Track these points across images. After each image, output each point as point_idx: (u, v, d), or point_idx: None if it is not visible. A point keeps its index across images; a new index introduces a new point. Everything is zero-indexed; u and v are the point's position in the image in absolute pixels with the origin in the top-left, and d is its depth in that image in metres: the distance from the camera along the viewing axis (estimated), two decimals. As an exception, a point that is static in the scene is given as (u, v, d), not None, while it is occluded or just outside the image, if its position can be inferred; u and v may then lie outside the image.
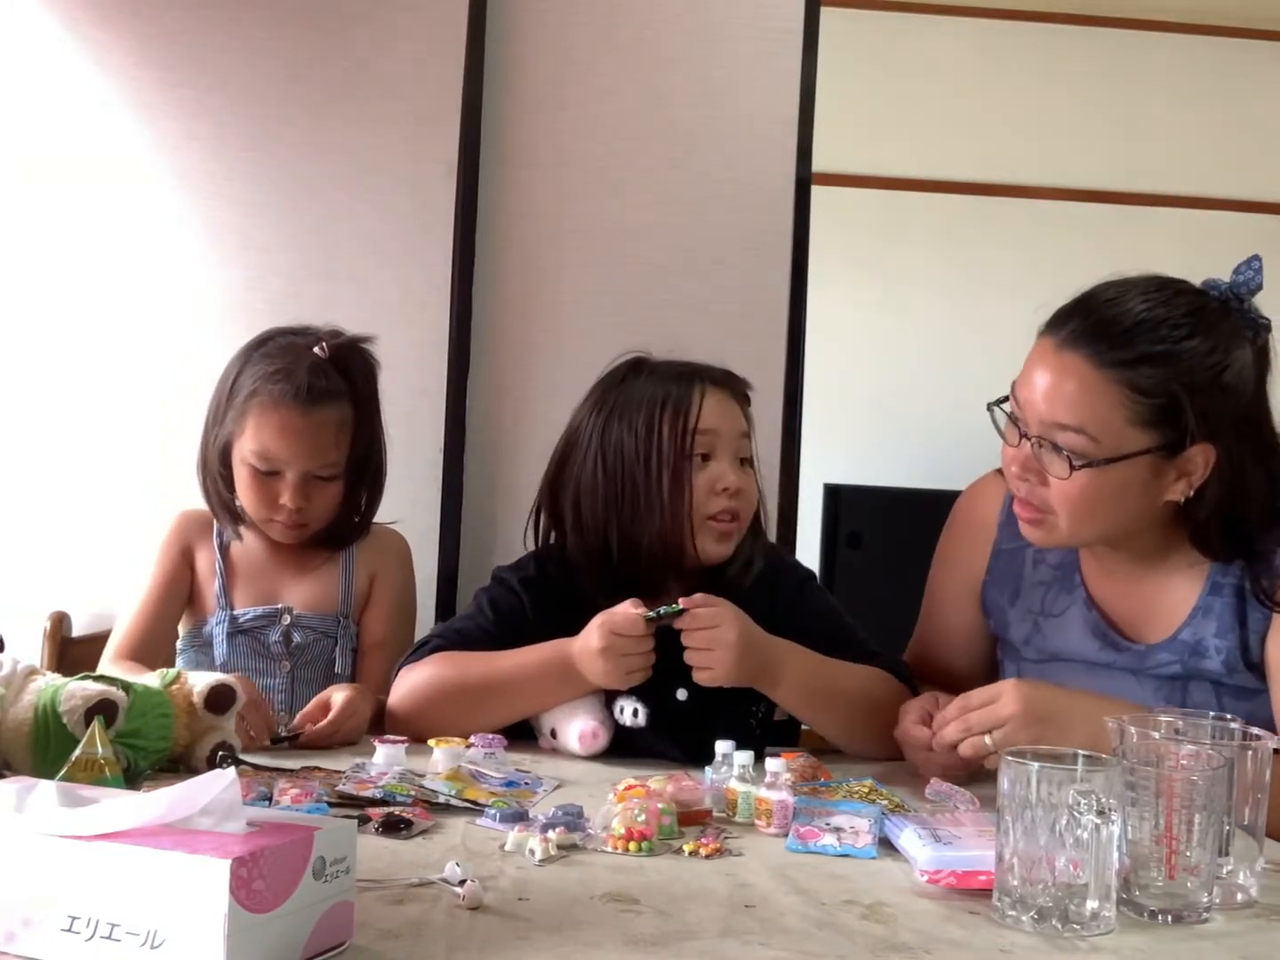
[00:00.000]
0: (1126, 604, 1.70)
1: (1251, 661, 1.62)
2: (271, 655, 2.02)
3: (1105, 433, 1.54)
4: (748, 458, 1.82)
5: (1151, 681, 1.66)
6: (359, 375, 2.04)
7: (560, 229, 2.51)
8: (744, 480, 1.79)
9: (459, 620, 1.87)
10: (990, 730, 1.49)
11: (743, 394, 1.85)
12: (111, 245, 2.43)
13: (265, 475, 1.98)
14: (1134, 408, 1.53)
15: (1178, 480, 1.57)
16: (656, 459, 1.75)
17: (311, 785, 1.39)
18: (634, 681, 1.67)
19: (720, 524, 1.77)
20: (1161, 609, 1.67)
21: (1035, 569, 1.78)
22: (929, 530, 1.98)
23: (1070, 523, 1.60)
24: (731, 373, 1.85)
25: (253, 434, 1.97)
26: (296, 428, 1.96)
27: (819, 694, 1.72)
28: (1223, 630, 1.63)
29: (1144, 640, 1.68)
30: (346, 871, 0.98)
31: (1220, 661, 1.62)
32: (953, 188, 4.28)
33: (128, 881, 0.91)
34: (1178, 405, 1.53)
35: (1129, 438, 1.54)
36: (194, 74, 2.43)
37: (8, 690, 1.41)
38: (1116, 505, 1.58)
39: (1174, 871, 1.15)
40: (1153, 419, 1.54)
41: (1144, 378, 1.53)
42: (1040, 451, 1.58)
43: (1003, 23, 4.25)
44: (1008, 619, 1.80)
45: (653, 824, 1.30)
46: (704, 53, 2.53)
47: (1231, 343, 1.56)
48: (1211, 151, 4.27)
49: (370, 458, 2.07)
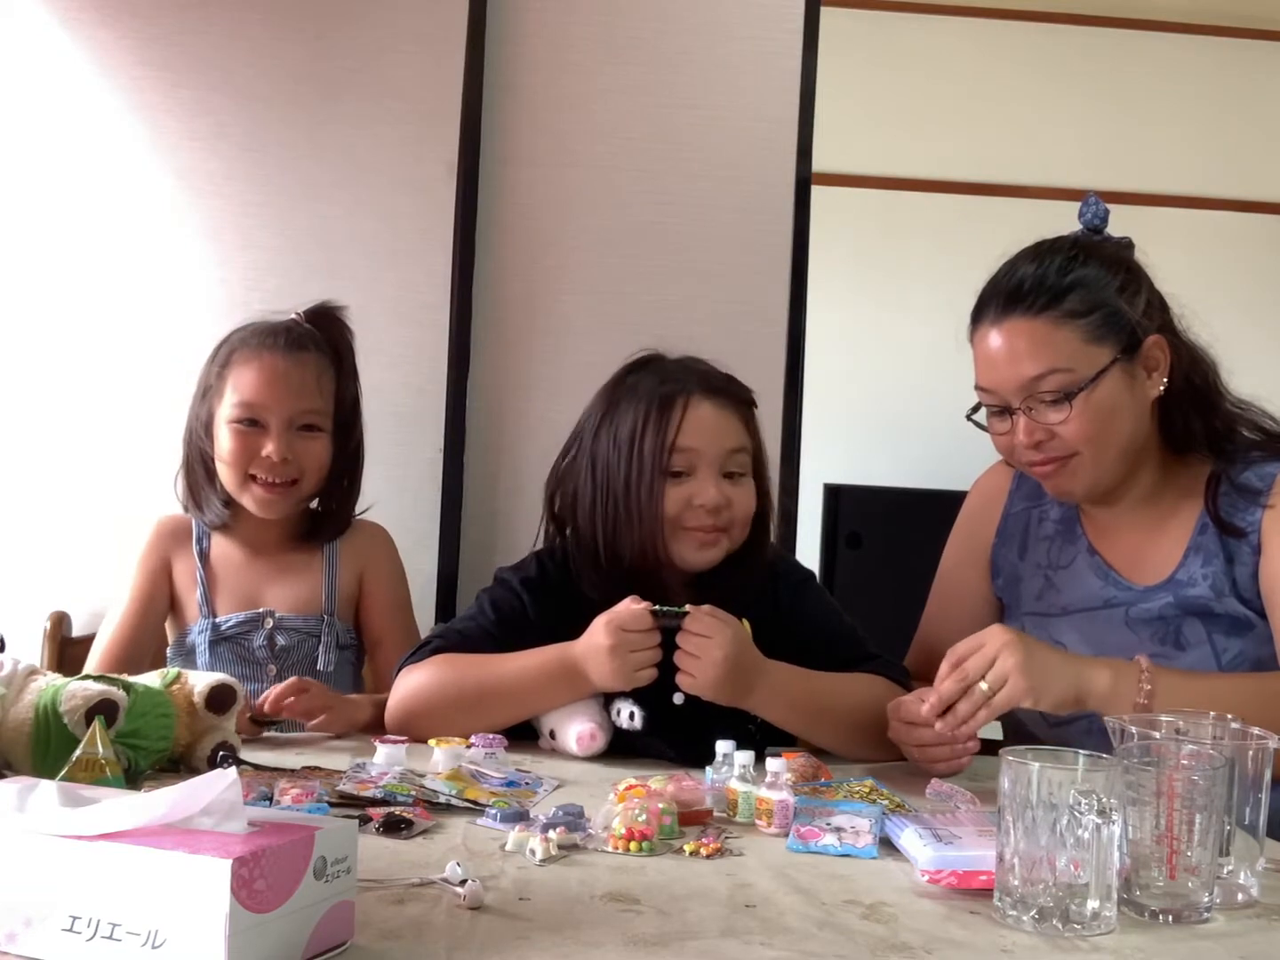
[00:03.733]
0: (1125, 551, 1.80)
1: (1241, 595, 1.71)
2: (256, 660, 2.02)
3: (1074, 360, 1.69)
4: (737, 471, 1.78)
5: (1146, 627, 1.74)
6: (336, 335, 2.07)
7: (560, 229, 2.51)
8: (733, 493, 1.77)
9: (460, 621, 1.87)
10: (985, 675, 1.53)
11: (741, 401, 1.82)
12: (111, 245, 2.43)
13: (248, 429, 1.97)
14: (1081, 329, 1.69)
15: (1150, 376, 1.73)
16: (636, 473, 1.74)
17: (312, 785, 1.39)
18: (640, 682, 1.66)
19: (701, 534, 1.76)
20: (1158, 553, 1.77)
21: (1040, 525, 1.89)
22: (929, 530, 1.98)
23: (1092, 451, 1.71)
24: (731, 379, 1.83)
25: (234, 386, 1.98)
26: (279, 368, 1.98)
27: (811, 713, 1.72)
28: (1209, 559, 1.72)
29: (1140, 583, 1.77)
30: (347, 871, 0.99)
31: (1208, 586, 1.71)
32: (953, 188, 4.28)
33: (129, 881, 0.91)
34: (1114, 310, 1.70)
35: (1093, 356, 1.69)
36: (194, 73, 2.43)
37: (8, 690, 1.41)
38: (1119, 419, 1.71)
39: (1175, 871, 1.15)
40: (1101, 332, 1.70)
41: (1073, 303, 1.70)
42: (1033, 413, 1.70)
43: (1003, 23, 4.24)
44: (1019, 573, 1.88)
45: (653, 824, 1.30)
46: (704, 53, 2.53)
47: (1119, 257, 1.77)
48: (1211, 151, 4.26)
49: (354, 424, 2.07)
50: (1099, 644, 1.74)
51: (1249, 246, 1.61)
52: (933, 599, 1.98)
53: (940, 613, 1.95)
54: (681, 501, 1.75)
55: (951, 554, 1.98)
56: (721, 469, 1.77)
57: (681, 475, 1.75)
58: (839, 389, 3.85)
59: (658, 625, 1.65)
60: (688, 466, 1.76)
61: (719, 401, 1.78)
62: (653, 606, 1.65)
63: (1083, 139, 4.26)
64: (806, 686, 1.70)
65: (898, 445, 4.15)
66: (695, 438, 1.75)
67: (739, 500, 1.78)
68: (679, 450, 1.75)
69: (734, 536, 1.79)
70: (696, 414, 1.76)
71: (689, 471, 1.76)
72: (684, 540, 1.76)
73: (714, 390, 1.79)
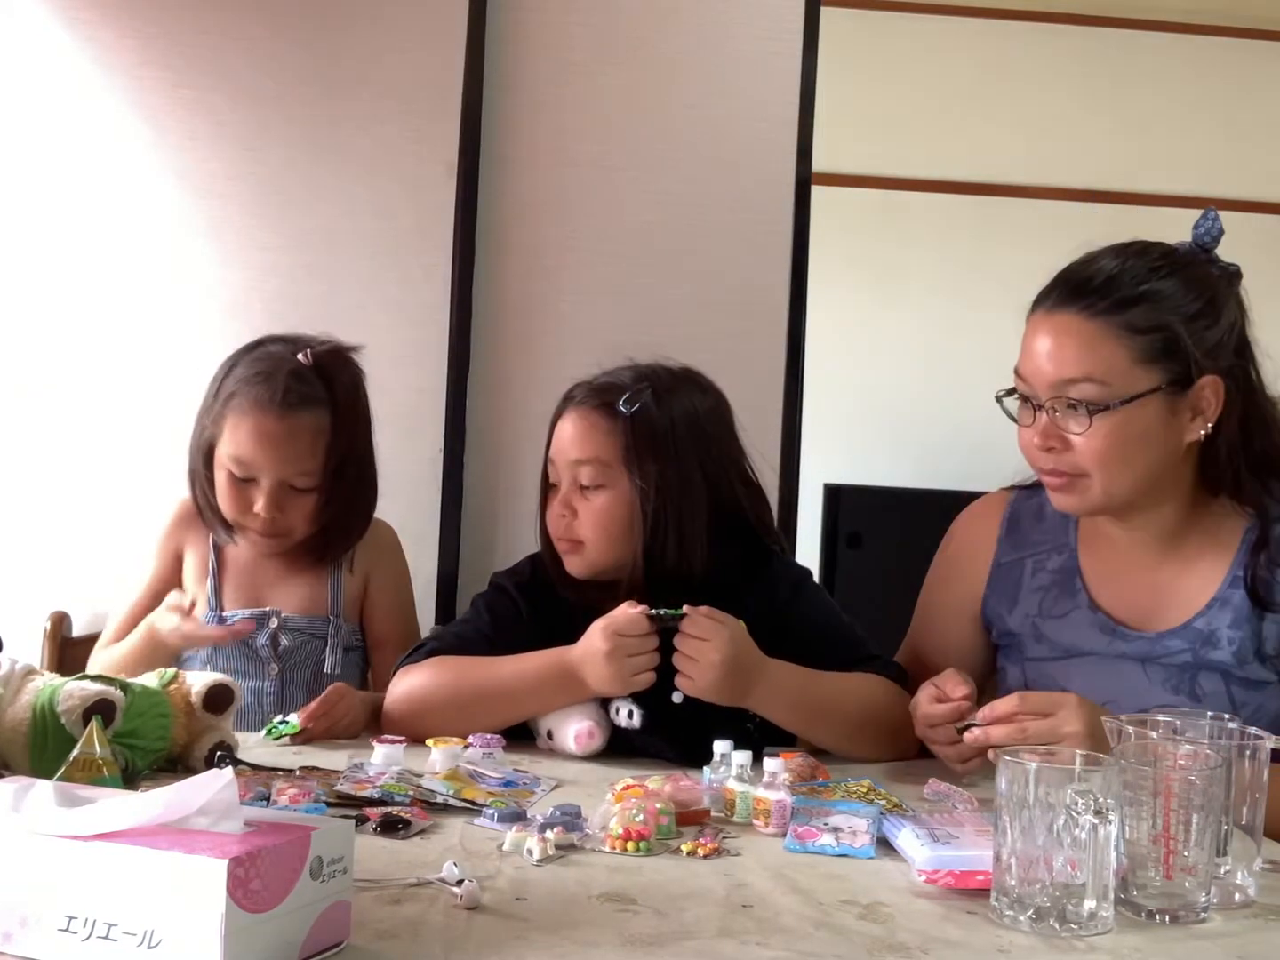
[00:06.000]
0: (1135, 597, 1.71)
1: (1265, 654, 1.63)
2: (260, 659, 2.02)
3: (1112, 375, 1.58)
4: (587, 484, 1.77)
5: (1160, 671, 1.67)
6: (341, 383, 2.01)
7: (560, 229, 2.51)
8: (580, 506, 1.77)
9: (456, 624, 1.88)
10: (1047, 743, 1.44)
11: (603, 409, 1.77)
12: (112, 244, 2.43)
13: (241, 481, 1.96)
14: (1134, 346, 1.58)
15: (1194, 419, 1.61)
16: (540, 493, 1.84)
17: (309, 785, 1.39)
18: (638, 686, 1.66)
19: (561, 544, 1.80)
20: (1177, 597, 1.68)
21: (1034, 576, 1.79)
22: (929, 530, 1.97)
23: (1103, 478, 1.61)
24: (608, 387, 1.80)
25: (229, 437, 1.96)
26: (272, 434, 1.94)
27: (811, 712, 1.72)
28: (1238, 622, 1.64)
29: (1153, 629, 1.68)
30: (344, 871, 0.99)
31: (1231, 653, 1.63)
32: (953, 188, 4.28)
33: (125, 881, 0.91)
34: (1174, 337, 1.58)
35: (1137, 377, 1.58)
36: (195, 73, 2.43)
37: (6, 690, 1.41)
38: (1142, 451, 1.61)
39: (1171, 871, 1.15)
40: (1154, 355, 1.58)
41: (1135, 317, 1.58)
42: (1056, 416, 1.61)
43: (1003, 23, 4.24)
44: (1008, 626, 1.79)
45: (651, 824, 1.30)
46: (704, 53, 2.53)
47: (1209, 282, 1.63)
48: (1211, 151, 4.26)
49: (348, 470, 2.02)
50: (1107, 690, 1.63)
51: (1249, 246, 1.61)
52: (920, 637, 1.89)
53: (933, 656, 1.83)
54: (550, 514, 1.81)
55: (940, 598, 1.88)
56: (574, 481, 1.79)
57: (553, 489, 1.82)
58: (839, 389, 3.85)
59: (655, 629, 1.65)
60: (555, 477, 1.81)
61: (580, 412, 1.79)
62: (649, 610, 1.65)
63: (1083, 139, 4.26)
64: (806, 685, 1.70)
65: (898, 445, 4.15)
66: (555, 451, 1.81)
67: (584, 512, 1.78)
68: (550, 463, 1.82)
69: (591, 548, 1.78)
70: (561, 427, 1.81)
71: (557, 484, 1.81)
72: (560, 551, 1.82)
73: (579, 401, 1.80)
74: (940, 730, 1.58)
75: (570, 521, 1.78)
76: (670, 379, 1.83)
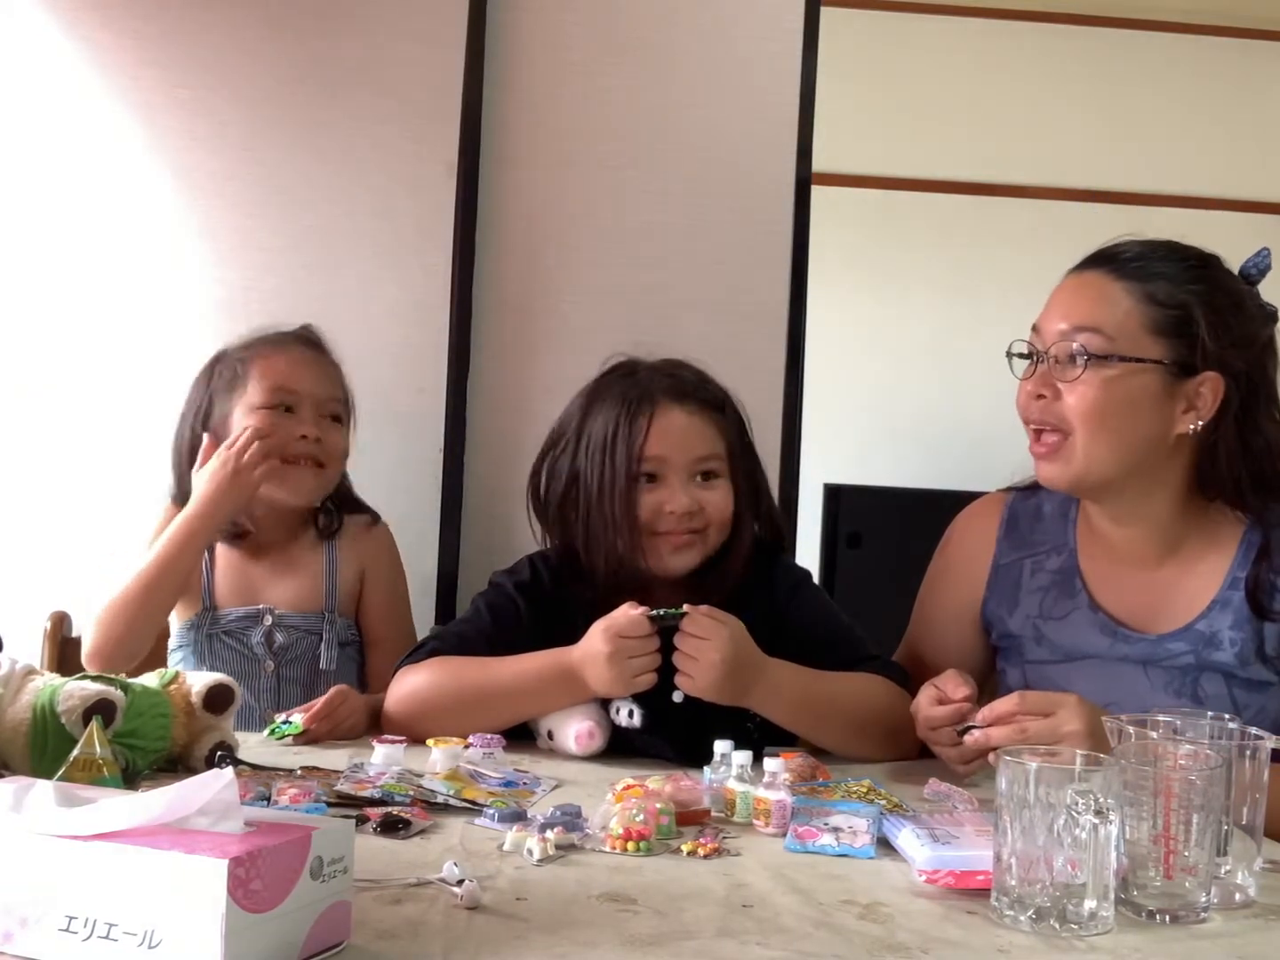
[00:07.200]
0: (1135, 598, 1.71)
1: (1266, 654, 1.64)
2: (255, 656, 2.02)
3: (1120, 333, 1.61)
4: (709, 474, 1.79)
5: (1162, 674, 1.67)
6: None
7: (560, 229, 2.51)
8: (706, 497, 1.78)
9: (456, 624, 1.88)
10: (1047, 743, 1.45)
11: (712, 403, 1.83)
12: (111, 244, 2.43)
13: (281, 415, 2.01)
14: (1148, 314, 1.61)
15: (1186, 411, 1.62)
16: (610, 481, 1.76)
17: (309, 785, 1.39)
18: (639, 687, 1.66)
19: (674, 539, 1.78)
20: (1177, 600, 1.69)
21: (1033, 577, 1.79)
22: (929, 530, 1.97)
23: (1084, 435, 1.62)
24: (703, 383, 1.84)
25: (259, 381, 2.02)
26: (305, 358, 2.07)
27: (811, 712, 1.72)
28: (1239, 623, 1.64)
29: (1154, 631, 1.69)
30: (344, 871, 0.99)
31: (1234, 654, 1.64)
32: (952, 188, 4.28)
33: (125, 881, 0.91)
34: (1190, 319, 1.60)
35: (1142, 344, 1.61)
36: (194, 74, 2.43)
37: (6, 690, 1.41)
38: (1128, 420, 1.62)
39: (1172, 871, 1.15)
40: (1165, 329, 1.61)
41: (1158, 289, 1.61)
42: (1055, 365, 1.63)
43: (1003, 23, 4.24)
44: (1008, 628, 1.79)
45: (651, 824, 1.30)
46: (704, 53, 2.53)
47: (1237, 297, 1.64)
48: (1210, 151, 4.26)
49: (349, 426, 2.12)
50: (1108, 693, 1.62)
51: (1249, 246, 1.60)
52: (918, 638, 1.89)
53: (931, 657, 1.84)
54: (654, 507, 1.77)
55: (939, 599, 1.89)
56: (691, 474, 1.78)
57: (654, 481, 1.78)
58: (839, 389, 3.85)
59: (656, 630, 1.65)
60: (658, 471, 1.78)
61: (688, 407, 1.80)
62: (650, 611, 1.65)
63: (1083, 139, 4.26)
64: (806, 685, 1.70)
65: (898, 445, 4.15)
66: (663, 445, 1.77)
67: (712, 504, 1.79)
68: (647, 458, 1.77)
69: (711, 539, 1.80)
70: (664, 421, 1.78)
71: (660, 477, 1.77)
72: (659, 545, 1.78)
73: (682, 396, 1.80)
74: (942, 732, 1.58)
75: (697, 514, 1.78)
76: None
